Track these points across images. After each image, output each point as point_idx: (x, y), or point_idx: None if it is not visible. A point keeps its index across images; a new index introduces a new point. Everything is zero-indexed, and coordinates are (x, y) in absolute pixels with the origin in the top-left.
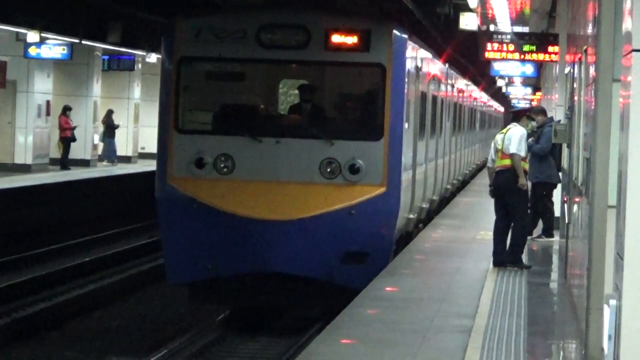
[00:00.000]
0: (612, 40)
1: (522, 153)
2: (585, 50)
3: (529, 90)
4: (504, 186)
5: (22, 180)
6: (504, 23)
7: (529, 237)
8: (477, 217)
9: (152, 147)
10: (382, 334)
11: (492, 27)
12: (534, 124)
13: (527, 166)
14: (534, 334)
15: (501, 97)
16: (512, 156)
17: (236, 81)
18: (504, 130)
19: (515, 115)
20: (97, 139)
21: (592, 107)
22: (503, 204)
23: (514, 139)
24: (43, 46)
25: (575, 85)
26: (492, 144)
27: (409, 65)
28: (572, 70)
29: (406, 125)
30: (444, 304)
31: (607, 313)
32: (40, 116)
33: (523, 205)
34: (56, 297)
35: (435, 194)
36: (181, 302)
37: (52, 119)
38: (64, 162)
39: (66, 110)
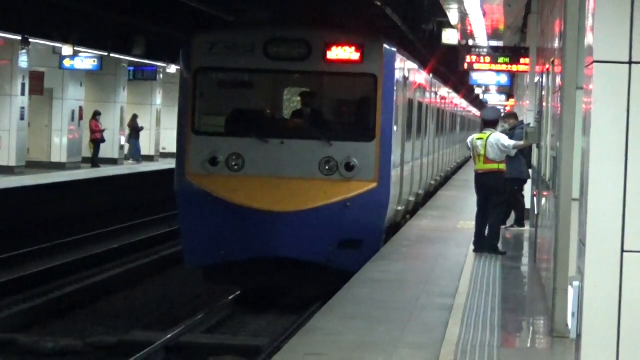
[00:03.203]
0: (576, 53)
1: (512, 142)
2: (553, 62)
3: (503, 97)
4: (490, 186)
5: (57, 176)
6: (481, 38)
7: (502, 227)
8: (458, 209)
9: (172, 147)
10: (374, 312)
11: (470, 42)
12: (506, 126)
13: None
14: (507, 311)
15: (479, 103)
16: (510, 151)
17: (246, 89)
18: (482, 136)
19: (492, 122)
20: (123, 140)
21: (559, 112)
22: (485, 200)
23: (503, 141)
24: (76, 58)
25: (543, 93)
26: (471, 145)
27: (398, 75)
28: (541, 80)
29: (395, 128)
30: (428, 285)
31: (571, 293)
32: (73, 120)
33: (502, 203)
34: (87, 279)
35: (421, 189)
36: (197, 284)
37: (84, 123)
38: (95, 161)
39: (96, 115)
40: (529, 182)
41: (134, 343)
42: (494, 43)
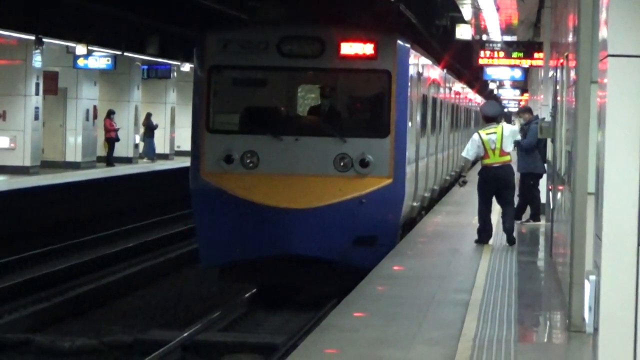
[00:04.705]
0: (590, 47)
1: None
2: (567, 56)
3: (517, 92)
4: (506, 178)
5: (72, 176)
6: (494, 33)
7: (518, 221)
8: (473, 204)
9: (187, 145)
10: (390, 308)
11: (484, 37)
12: (521, 121)
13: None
14: (524, 306)
15: (493, 99)
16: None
17: (260, 86)
18: (495, 130)
19: (494, 118)
20: (138, 139)
21: (573, 106)
22: (497, 193)
23: (511, 138)
24: (90, 58)
25: (558, 87)
26: (481, 141)
27: (412, 71)
28: (555, 74)
29: (410, 123)
30: (444, 280)
31: (588, 287)
32: (88, 119)
33: (514, 195)
34: (103, 279)
35: (436, 184)
36: (213, 282)
37: (98, 122)
38: (109, 160)
39: (110, 114)
40: (544, 176)
41: (150, 342)
42: (508, 38)
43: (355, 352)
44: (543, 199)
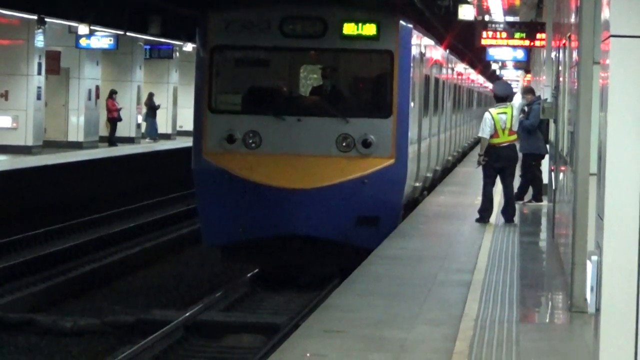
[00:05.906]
0: (592, 27)
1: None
2: (569, 37)
3: (520, 72)
4: (512, 157)
5: (74, 155)
6: (497, 13)
7: (520, 202)
8: (475, 184)
9: (189, 125)
10: (392, 288)
11: (487, 17)
12: (524, 102)
13: None
14: (526, 287)
15: (495, 79)
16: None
17: (262, 67)
18: (506, 110)
19: (506, 98)
20: (140, 119)
21: (575, 87)
22: (501, 172)
23: (518, 112)
24: (92, 38)
25: (560, 68)
26: (493, 121)
27: (414, 51)
28: (557, 55)
29: (412, 104)
30: (446, 261)
31: (590, 267)
32: (90, 99)
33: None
34: (105, 259)
35: (438, 165)
36: (215, 262)
37: (100, 102)
38: (112, 140)
39: (113, 94)
40: (547, 157)
41: (152, 322)
42: (510, 18)
43: (357, 332)
44: (545, 180)
